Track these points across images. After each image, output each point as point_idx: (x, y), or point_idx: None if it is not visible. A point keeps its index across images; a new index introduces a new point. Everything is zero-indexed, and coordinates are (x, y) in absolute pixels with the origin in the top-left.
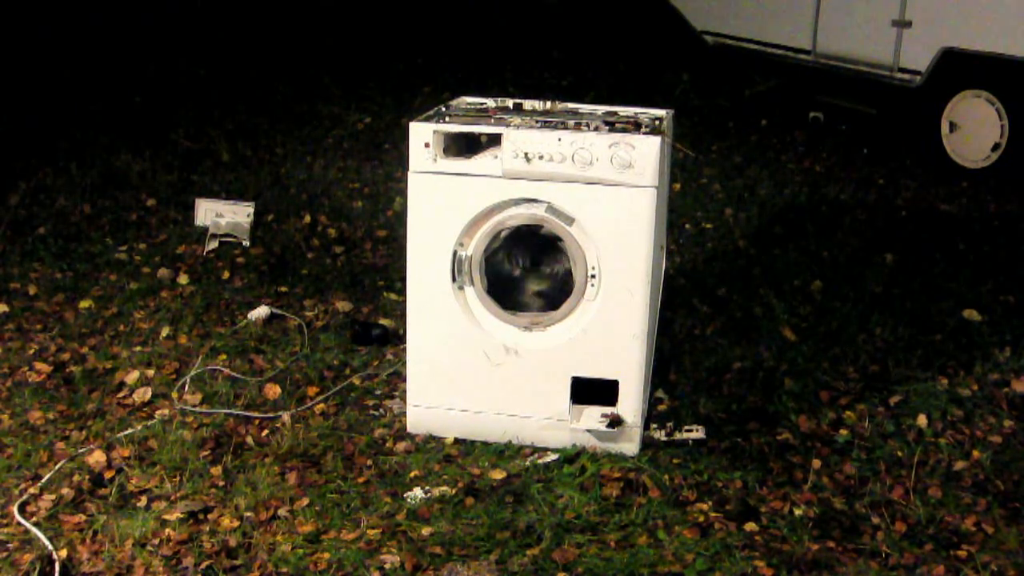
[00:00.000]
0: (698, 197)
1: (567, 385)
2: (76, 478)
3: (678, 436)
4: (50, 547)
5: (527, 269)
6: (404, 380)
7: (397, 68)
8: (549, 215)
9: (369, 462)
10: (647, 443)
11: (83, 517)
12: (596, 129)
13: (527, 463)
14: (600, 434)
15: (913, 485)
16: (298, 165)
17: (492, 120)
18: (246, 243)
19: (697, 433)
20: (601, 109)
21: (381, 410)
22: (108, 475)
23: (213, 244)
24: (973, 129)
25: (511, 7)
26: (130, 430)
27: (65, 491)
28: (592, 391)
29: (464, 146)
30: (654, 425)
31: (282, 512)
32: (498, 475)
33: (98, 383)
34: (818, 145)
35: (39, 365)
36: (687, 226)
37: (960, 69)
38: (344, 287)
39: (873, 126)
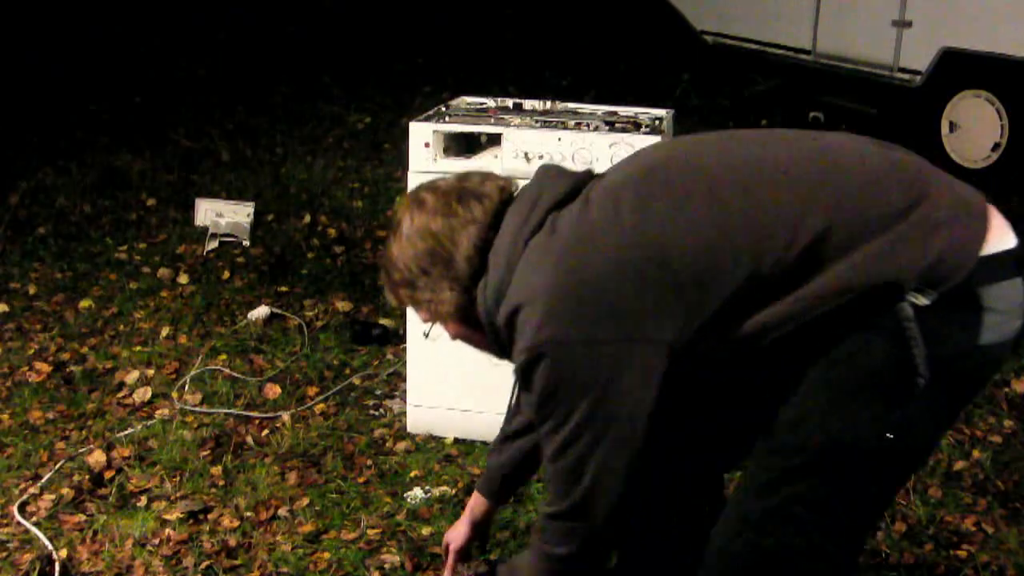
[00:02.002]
0: None
1: None
2: (76, 478)
3: None
4: (50, 547)
5: None
6: (404, 380)
7: (397, 68)
8: None
9: (369, 462)
10: None
11: (83, 517)
12: (596, 129)
13: None
14: None
15: (913, 485)
16: (298, 165)
17: (492, 120)
18: (246, 243)
19: None
20: (601, 109)
21: (381, 410)
22: (108, 475)
23: (213, 244)
24: (973, 129)
25: (511, 7)
26: (130, 430)
27: (65, 491)
28: None
29: (464, 146)
30: None
31: (282, 512)
32: None
33: (98, 383)
34: None
35: (39, 365)
36: None
37: (960, 69)
38: (344, 287)
39: (873, 126)
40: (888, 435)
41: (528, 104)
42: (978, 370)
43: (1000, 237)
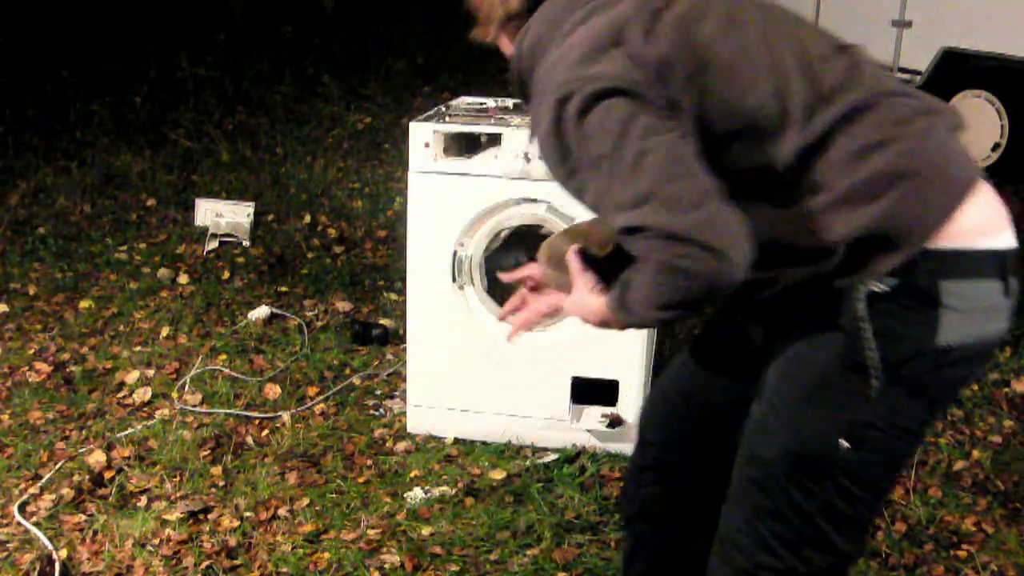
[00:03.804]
0: None
1: (567, 385)
2: (76, 478)
3: None
4: (50, 547)
5: None
6: (404, 380)
7: (397, 68)
8: (549, 215)
9: (369, 462)
10: None
11: (83, 517)
12: None
13: (527, 463)
14: (600, 434)
15: (913, 485)
16: (298, 165)
17: (492, 120)
18: (246, 243)
19: None
20: None
21: (381, 410)
22: (108, 475)
23: (213, 244)
24: (973, 129)
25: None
26: (130, 430)
27: (65, 491)
28: (592, 391)
29: (464, 146)
30: None
31: (282, 512)
32: (498, 475)
33: (98, 383)
34: None
35: (39, 365)
36: None
37: (960, 69)
38: (344, 287)
39: None
40: (841, 442)
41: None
42: (938, 372)
43: (988, 233)
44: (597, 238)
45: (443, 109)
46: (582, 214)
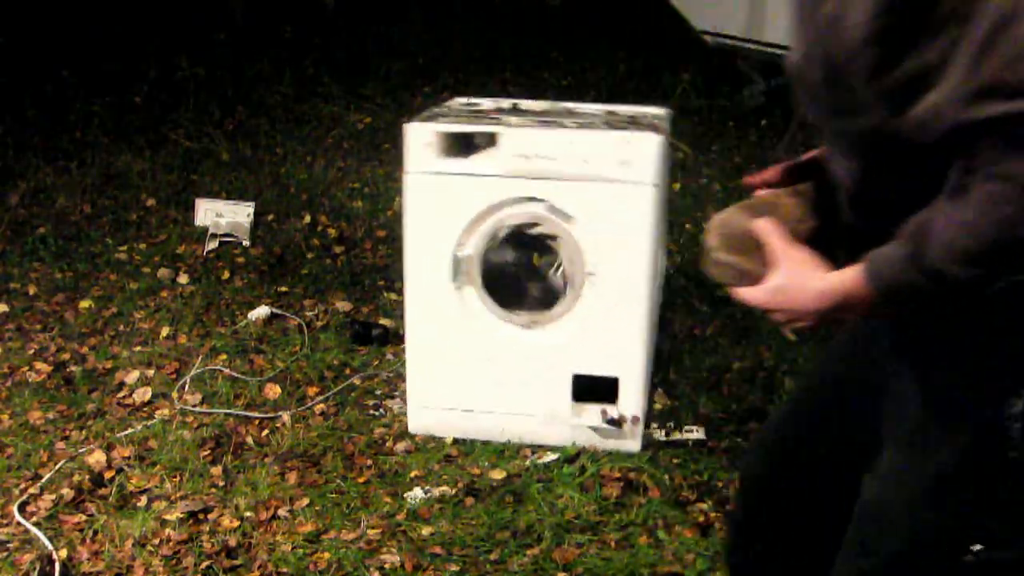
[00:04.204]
0: (698, 197)
1: (567, 383)
2: (76, 478)
3: (677, 436)
4: (50, 547)
5: (526, 268)
6: (404, 380)
7: (397, 68)
8: (548, 214)
9: (369, 462)
10: (647, 442)
11: (83, 517)
12: (595, 127)
13: (527, 463)
14: (601, 432)
15: None
16: (298, 165)
17: (490, 120)
18: (246, 243)
19: (697, 434)
20: (600, 108)
21: (381, 410)
22: (108, 475)
23: (213, 244)
24: None
25: (511, 7)
26: (130, 430)
27: (65, 491)
28: (593, 389)
29: (462, 146)
30: (654, 424)
31: (282, 512)
32: (498, 475)
33: (98, 383)
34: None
35: (39, 365)
36: (687, 226)
37: None
38: (344, 287)
39: None
40: (973, 548)
41: (525, 104)
42: None
43: None
44: (788, 212)
45: (437, 110)
46: (583, 212)
